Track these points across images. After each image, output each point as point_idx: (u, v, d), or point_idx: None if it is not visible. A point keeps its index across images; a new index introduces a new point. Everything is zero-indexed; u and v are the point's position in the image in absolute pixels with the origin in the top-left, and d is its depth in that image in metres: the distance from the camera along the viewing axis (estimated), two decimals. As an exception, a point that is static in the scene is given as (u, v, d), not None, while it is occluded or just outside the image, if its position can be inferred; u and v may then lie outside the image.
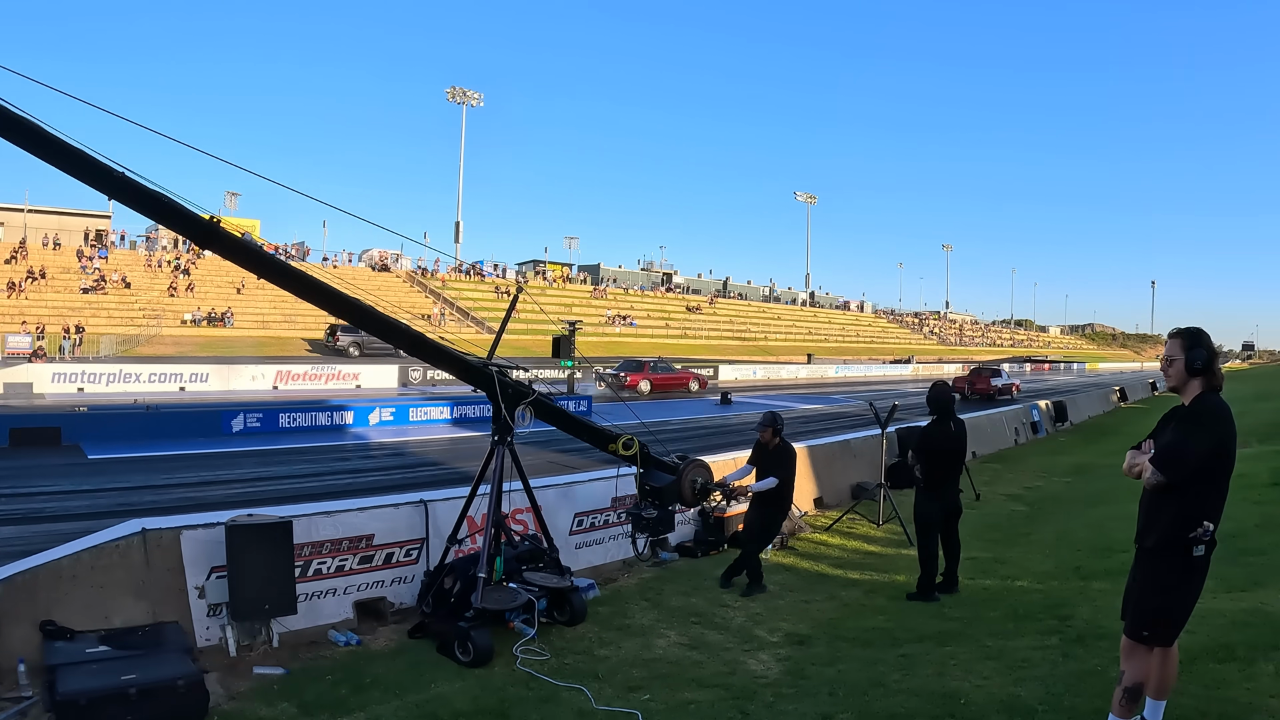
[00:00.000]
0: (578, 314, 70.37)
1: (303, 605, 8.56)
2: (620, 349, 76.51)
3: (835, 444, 18.09)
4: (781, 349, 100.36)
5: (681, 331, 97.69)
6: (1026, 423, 32.03)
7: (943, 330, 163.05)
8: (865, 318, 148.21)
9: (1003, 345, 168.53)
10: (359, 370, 43.23)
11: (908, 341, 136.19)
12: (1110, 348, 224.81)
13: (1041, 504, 17.83)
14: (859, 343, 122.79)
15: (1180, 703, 6.07)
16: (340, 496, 12.55)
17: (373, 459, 21.82)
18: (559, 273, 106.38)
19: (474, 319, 75.32)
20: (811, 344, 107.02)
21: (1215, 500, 5.32)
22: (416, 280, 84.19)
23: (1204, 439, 5.29)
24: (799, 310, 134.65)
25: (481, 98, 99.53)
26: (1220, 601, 8.75)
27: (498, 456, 9.30)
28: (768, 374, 70.76)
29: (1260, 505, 14.13)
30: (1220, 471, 5.32)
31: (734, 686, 7.42)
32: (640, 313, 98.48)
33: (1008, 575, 11.42)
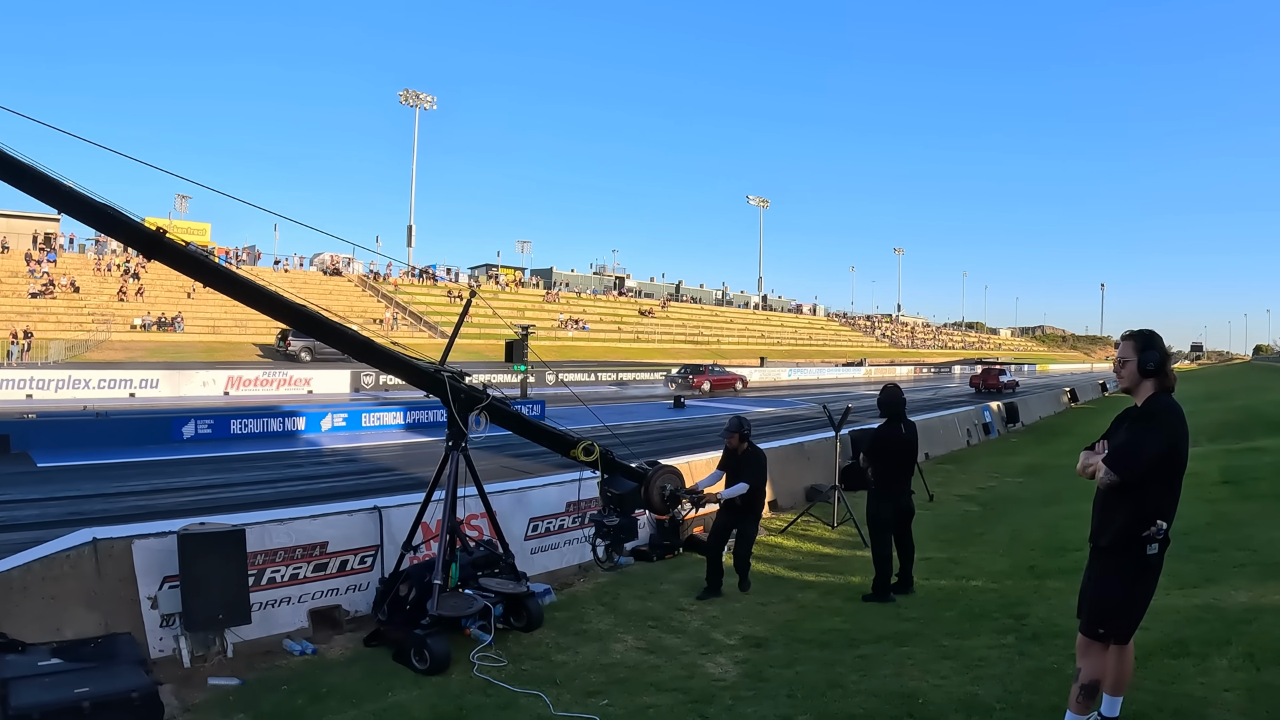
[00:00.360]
0: (530, 318, 70.28)
1: (257, 614, 8.46)
2: (573, 353, 76.60)
3: (789, 447, 18.14)
4: (734, 352, 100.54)
5: (634, 335, 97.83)
6: (978, 424, 32.25)
7: (895, 333, 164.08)
8: (818, 321, 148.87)
9: (954, 347, 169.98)
10: (311, 375, 42.93)
11: (860, 344, 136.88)
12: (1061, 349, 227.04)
13: (995, 504, 17.95)
14: (811, 345, 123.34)
15: (1136, 698, 6.14)
16: (293, 504, 12.47)
17: (326, 465, 21.71)
18: (511, 277, 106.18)
19: (427, 323, 75.15)
20: (764, 347, 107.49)
21: (1168, 499, 5.38)
22: (368, 284, 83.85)
23: (1156, 439, 5.35)
24: (751, 314, 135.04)
25: (434, 100, 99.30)
26: (1174, 598, 8.85)
27: (452, 462, 9.22)
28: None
29: (1211, 503, 14.36)
30: (1173, 471, 5.38)
31: (692, 690, 7.43)
32: (593, 316, 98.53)
33: (962, 575, 11.49)
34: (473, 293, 11.32)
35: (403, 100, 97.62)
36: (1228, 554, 10.89)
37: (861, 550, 12.45)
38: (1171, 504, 5.40)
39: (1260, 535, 11.77)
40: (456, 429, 9.23)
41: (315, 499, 14.57)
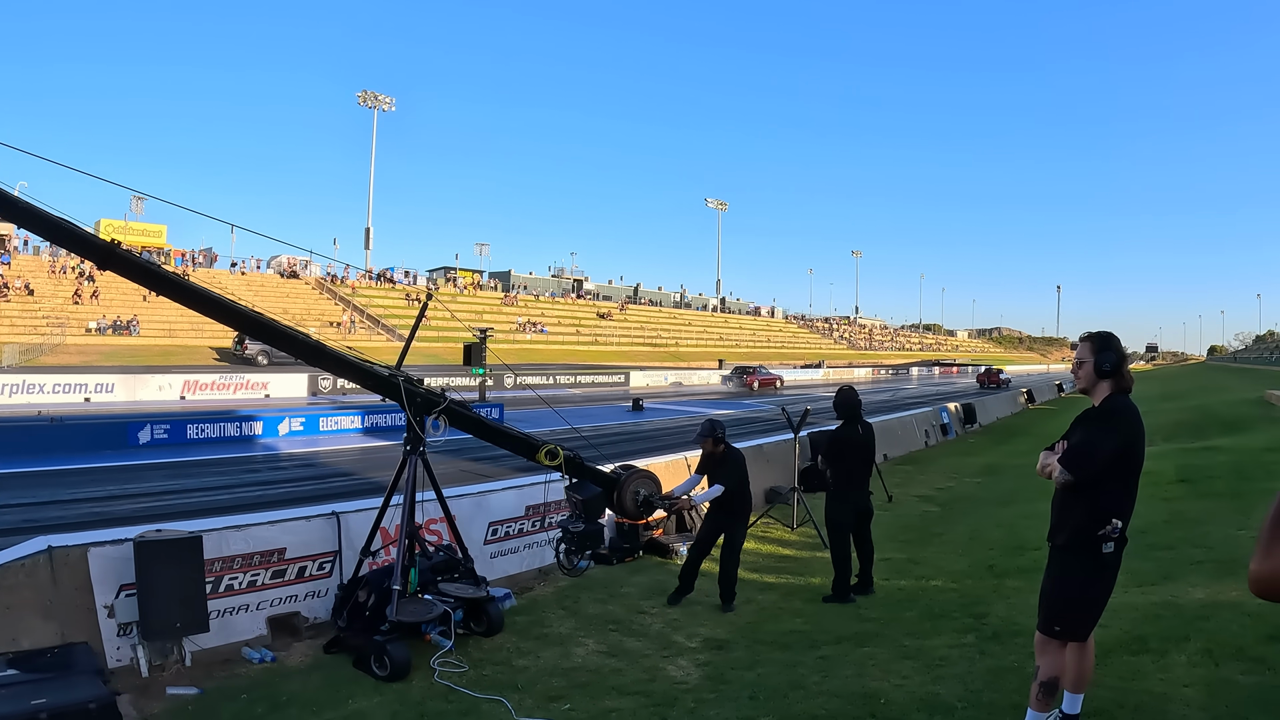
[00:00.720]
0: (488, 321, 70.30)
1: (215, 622, 8.38)
2: (531, 356, 76.54)
3: (748, 449, 18.03)
4: (693, 355, 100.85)
5: (592, 338, 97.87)
6: (936, 425, 32.42)
7: (852, 335, 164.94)
8: (776, 323, 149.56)
9: (912, 349, 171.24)
10: (268, 379, 42.63)
11: (818, 346, 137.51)
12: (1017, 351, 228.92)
13: (953, 504, 18.04)
14: (770, 348, 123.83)
15: (1097, 695, 6.21)
16: (251, 509, 12.40)
17: (283, 470, 21.58)
18: (470, 280, 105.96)
19: (384, 326, 74.88)
20: (723, 349, 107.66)
21: (1124, 499, 5.44)
22: (326, 287, 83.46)
23: (1111, 440, 5.41)
24: (710, 316, 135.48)
25: (393, 102, 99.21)
26: (1132, 595, 8.95)
27: (410, 466, 9.15)
28: (679, 380, 70.89)
29: (1168, 502, 14.51)
30: (1129, 471, 5.44)
31: (654, 693, 7.43)
32: (551, 319, 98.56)
33: (922, 575, 11.55)
34: (429, 295, 11.21)
35: (361, 101, 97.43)
36: (1185, 552, 11.02)
37: (821, 551, 12.47)
38: (1127, 503, 5.46)
39: (1216, 533, 11.91)
40: (414, 433, 9.18)
41: (273, 504, 14.51)
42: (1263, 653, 6.96)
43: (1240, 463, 18.78)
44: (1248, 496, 14.40)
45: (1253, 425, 31.71)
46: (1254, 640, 7.26)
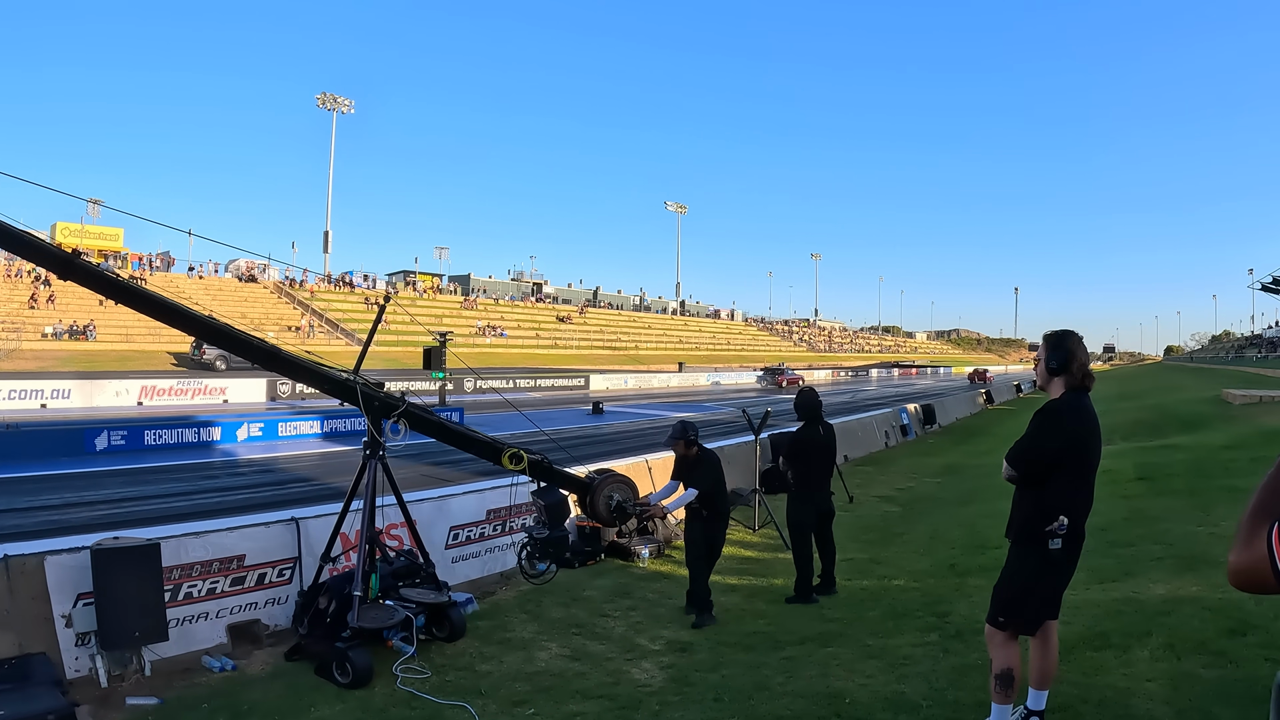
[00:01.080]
0: (448, 325, 70.15)
1: (174, 631, 8.26)
2: (491, 360, 76.29)
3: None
4: (652, 358, 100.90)
5: (552, 342, 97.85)
6: (896, 426, 32.60)
7: (812, 337, 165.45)
8: (736, 326, 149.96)
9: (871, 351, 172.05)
10: (226, 384, 42.37)
11: (778, 349, 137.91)
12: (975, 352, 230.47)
13: (914, 504, 18.15)
14: (730, 351, 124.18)
15: (1060, 691, 6.26)
16: (209, 516, 12.27)
17: (242, 476, 21.38)
18: (429, 283, 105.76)
19: (344, 331, 74.57)
20: (682, 353, 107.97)
21: (1074, 496, 5.51)
22: (284, 291, 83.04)
23: (1048, 437, 5.52)
24: (670, 319, 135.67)
25: (352, 104, 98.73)
26: (1094, 592, 9.06)
27: (370, 471, 9.10)
28: (639, 383, 70.94)
29: (1127, 499, 14.68)
30: (1075, 468, 5.51)
31: (619, 696, 7.42)
32: (510, 323, 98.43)
33: (884, 575, 11.62)
34: (387, 298, 11.10)
35: (320, 104, 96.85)
36: (1145, 548, 11.15)
37: (783, 552, 12.49)
38: (1075, 500, 5.52)
39: (1176, 529, 12.06)
40: (373, 437, 9.13)
41: (232, 511, 14.33)
42: (1224, 646, 7.05)
43: (1198, 460, 19.00)
44: (1206, 494, 14.59)
45: (1210, 423, 32.06)
46: (1215, 634, 7.35)
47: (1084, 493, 5.58)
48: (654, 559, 12.76)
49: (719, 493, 10.47)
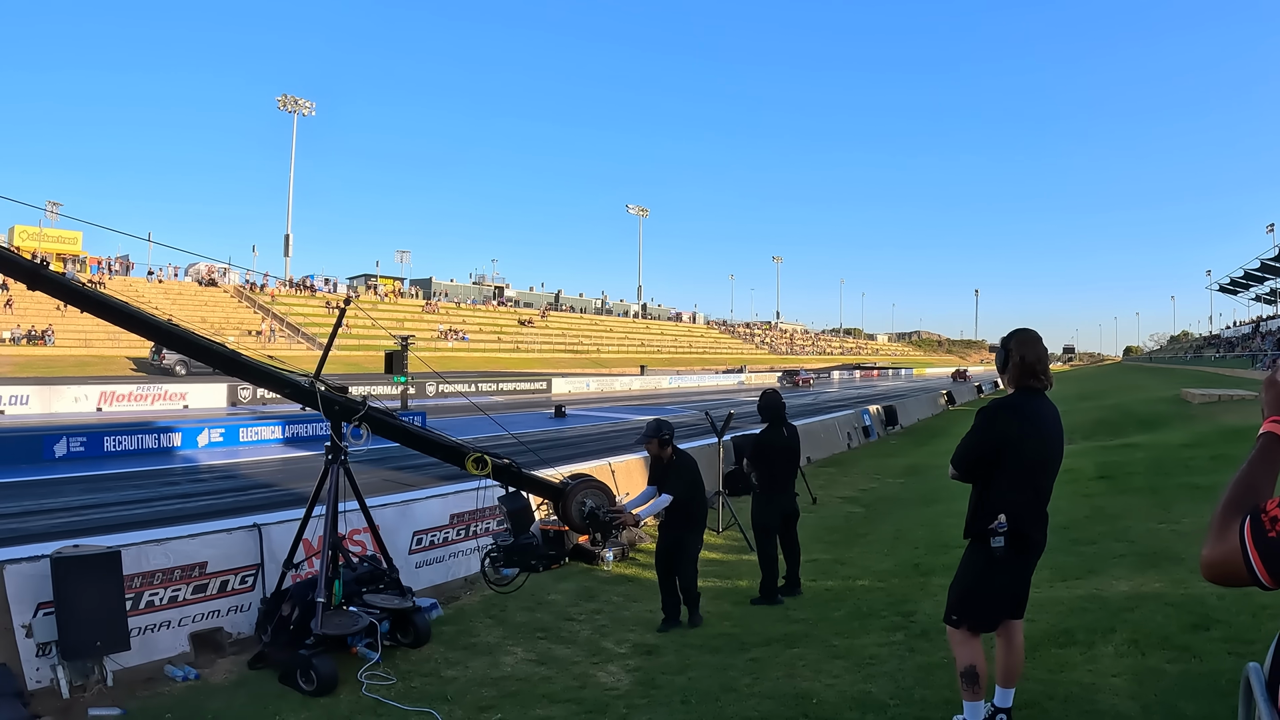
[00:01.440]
0: (410, 329, 69.70)
1: (136, 640, 8.18)
2: (453, 363, 76.18)
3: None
4: (614, 361, 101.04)
5: (514, 345, 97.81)
6: (859, 427, 32.79)
7: (774, 340, 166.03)
8: (697, 329, 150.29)
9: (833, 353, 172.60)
10: (186, 390, 41.99)
11: (740, 351, 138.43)
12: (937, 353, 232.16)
13: (877, 505, 18.24)
14: (691, 353, 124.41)
15: (1026, 688, 6.31)
16: (170, 523, 12.23)
17: (203, 482, 21.21)
18: (390, 287, 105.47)
19: (305, 335, 74.28)
20: (644, 356, 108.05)
21: (1015, 495, 5.53)
22: (245, 295, 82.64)
23: (979, 437, 5.61)
24: (631, 322, 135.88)
25: (313, 106, 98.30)
26: (1058, 590, 9.16)
27: (332, 476, 9.04)
28: (601, 386, 70.93)
29: (1089, 498, 14.83)
30: (1015, 468, 5.53)
31: (586, 700, 7.41)
32: (472, 327, 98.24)
33: (849, 575, 11.68)
34: (347, 302, 11.00)
35: (281, 106, 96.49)
36: (1107, 546, 11.26)
37: (748, 554, 12.53)
38: (1020, 500, 5.55)
39: (1137, 527, 12.18)
40: (335, 442, 9.08)
41: (193, 517, 14.26)
42: (1187, 641, 7.13)
43: (1158, 459, 19.19)
44: (1166, 491, 14.74)
45: (1169, 422, 32.36)
46: (1178, 629, 7.44)
47: (1027, 493, 5.58)
48: (618, 562, 12.77)
49: (694, 499, 10.12)
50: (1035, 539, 5.63)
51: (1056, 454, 5.78)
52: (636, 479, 15.83)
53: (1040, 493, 5.66)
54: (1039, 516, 5.66)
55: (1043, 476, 5.67)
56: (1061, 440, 5.86)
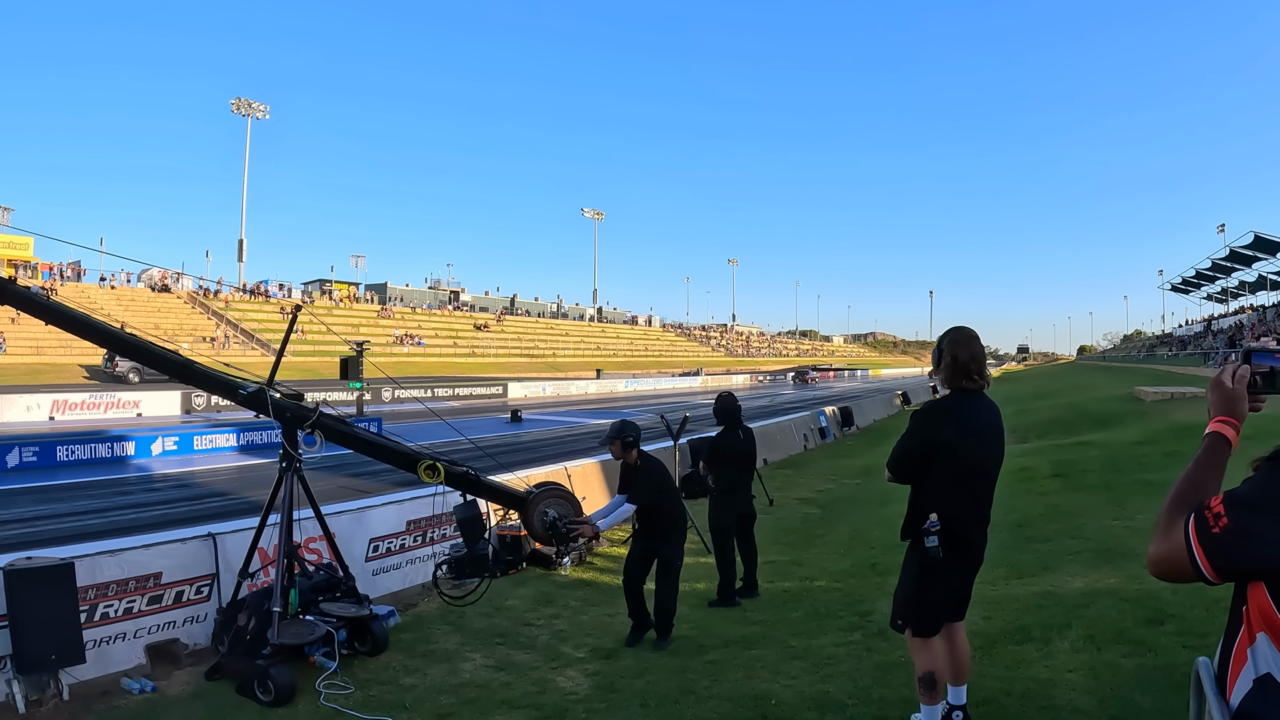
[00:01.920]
0: (365, 334, 69.31)
1: (92, 653, 8.12)
2: (409, 369, 75.78)
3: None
4: (570, 365, 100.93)
5: (470, 350, 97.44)
6: (815, 429, 32.94)
7: (730, 342, 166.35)
8: (653, 332, 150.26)
9: (789, 355, 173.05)
10: (140, 397, 41.61)
11: (696, 354, 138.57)
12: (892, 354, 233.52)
13: (833, 505, 18.33)
14: (648, 357, 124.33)
15: (984, 685, 6.40)
16: (125, 533, 12.08)
17: (158, 492, 21.02)
18: (345, 292, 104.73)
19: (259, 341, 73.77)
20: (600, 359, 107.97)
21: (948, 496, 5.54)
22: (199, 301, 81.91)
23: (912, 440, 5.64)
24: (587, 326, 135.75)
25: (267, 109, 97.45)
26: (1013, 587, 9.27)
27: (286, 483, 9.01)
28: (557, 390, 70.88)
29: (1043, 496, 15.00)
30: (949, 470, 5.54)
31: (545, 705, 7.42)
32: (428, 331, 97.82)
33: (806, 576, 11.75)
34: (298, 308, 10.91)
35: (235, 109, 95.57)
36: (1062, 543, 11.41)
37: (705, 557, 12.56)
38: (953, 500, 5.55)
39: (1091, 524, 12.33)
40: (288, 449, 9.04)
41: (147, 528, 14.12)
42: (1142, 636, 7.24)
43: (1112, 456, 19.37)
44: (1120, 488, 14.92)
45: (1123, 420, 32.67)
46: (1133, 624, 7.55)
47: (962, 494, 5.58)
48: (576, 567, 12.78)
49: (659, 506, 9.51)
50: (971, 540, 5.64)
51: (995, 454, 5.79)
52: (593, 484, 15.87)
53: (976, 494, 5.68)
54: (975, 518, 5.68)
55: (979, 478, 5.68)
56: (1001, 440, 5.88)
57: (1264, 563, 2.03)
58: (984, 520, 5.76)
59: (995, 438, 5.76)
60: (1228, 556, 2.09)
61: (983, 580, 9.67)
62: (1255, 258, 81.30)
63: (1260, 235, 74.40)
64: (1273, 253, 75.98)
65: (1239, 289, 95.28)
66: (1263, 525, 2.03)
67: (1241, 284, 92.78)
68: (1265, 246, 76.05)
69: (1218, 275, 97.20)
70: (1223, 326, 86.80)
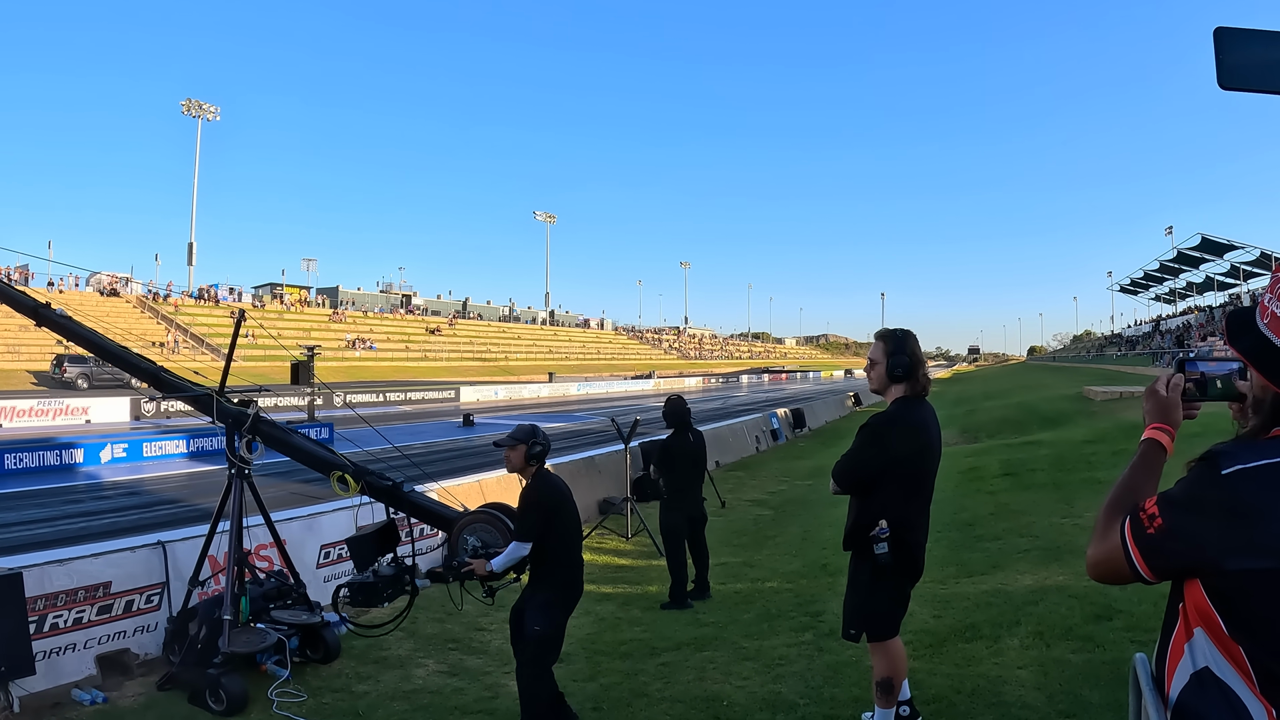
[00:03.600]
0: (316, 338, 69.17)
1: (41, 664, 8.03)
2: (361, 373, 75.56)
3: (580, 461, 18.20)
4: (523, 368, 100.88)
5: (422, 354, 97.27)
6: (767, 430, 33.04)
7: (683, 345, 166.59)
8: (606, 335, 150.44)
9: (741, 357, 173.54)
10: (89, 404, 41.16)
11: (648, 357, 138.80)
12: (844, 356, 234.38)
13: (785, 507, 18.40)
14: (600, 360, 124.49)
15: (934, 682, 6.51)
16: (74, 542, 12.00)
17: (107, 500, 20.79)
18: (297, 296, 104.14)
19: (209, 346, 73.18)
20: (552, 363, 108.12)
21: (902, 502, 5.56)
22: (148, 305, 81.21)
23: (877, 453, 5.55)
24: (539, 329, 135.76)
25: (218, 111, 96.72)
26: (963, 585, 9.39)
27: (235, 490, 8.96)
28: (510, 394, 70.64)
29: (993, 495, 15.19)
30: (908, 476, 5.57)
31: (498, 711, 7.48)
32: (380, 336, 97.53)
33: (757, 577, 11.83)
34: (242, 313, 10.77)
35: (185, 110, 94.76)
36: (1011, 541, 11.58)
37: (657, 560, 12.62)
38: (908, 507, 5.58)
39: (1040, 522, 12.53)
40: (231, 453, 9.00)
41: (97, 536, 14.04)
42: (1090, 631, 7.38)
43: (1061, 455, 19.64)
44: (1068, 487, 15.15)
45: (1072, 419, 33.09)
46: (1081, 620, 7.69)
47: (912, 501, 5.63)
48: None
49: (544, 543, 7.14)
50: (918, 541, 5.67)
51: (937, 458, 5.84)
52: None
53: (924, 501, 5.74)
54: (921, 523, 5.73)
55: (926, 484, 5.73)
56: (940, 443, 5.90)
57: (1196, 560, 2.10)
58: (927, 524, 5.82)
59: (937, 442, 5.81)
60: (1163, 555, 2.16)
61: (932, 579, 9.83)
62: (1202, 259, 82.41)
63: (1207, 237, 75.41)
64: (1219, 254, 77.08)
65: (1186, 290, 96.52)
66: (1194, 524, 2.09)
67: (1189, 285, 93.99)
68: (1212, 248, 77.10)
69: (1166, 276, 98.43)
70: (1171, 327, 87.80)
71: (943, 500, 14.57)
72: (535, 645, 6.89)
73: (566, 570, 7.14)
